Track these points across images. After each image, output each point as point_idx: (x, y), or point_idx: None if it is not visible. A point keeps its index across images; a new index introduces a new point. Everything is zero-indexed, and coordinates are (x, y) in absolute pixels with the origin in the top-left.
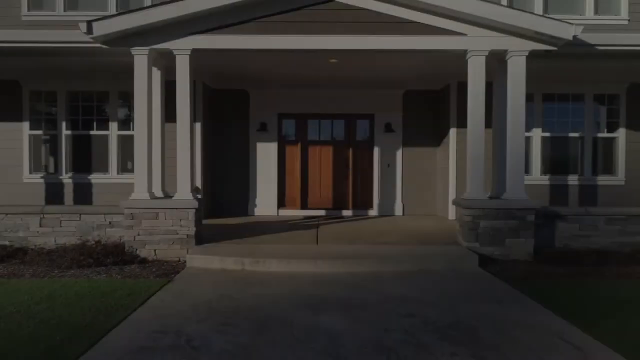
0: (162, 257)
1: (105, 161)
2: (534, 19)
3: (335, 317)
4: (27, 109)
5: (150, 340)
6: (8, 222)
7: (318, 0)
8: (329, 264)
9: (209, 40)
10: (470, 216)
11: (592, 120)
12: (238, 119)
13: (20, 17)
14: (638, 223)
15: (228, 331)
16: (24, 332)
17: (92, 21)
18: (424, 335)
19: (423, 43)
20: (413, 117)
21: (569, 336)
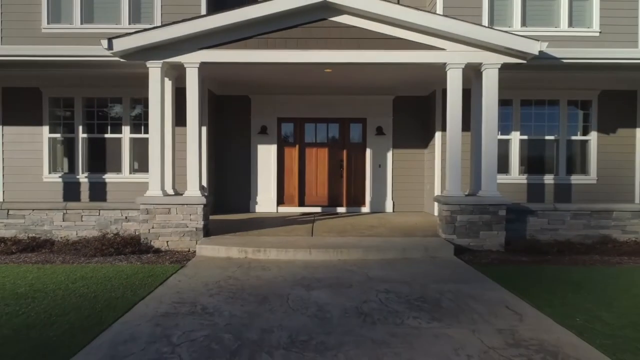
0: (174, 247)
1: (118, 162)
2: (504, 36)
3: (325, 293)
4: (46, 114)
5: (172, 308)
6: (34, 217)
7: (313, 19)
8: (322, 252)
9: (216, 54)
10: (448, 211)
11: (567, 124)
12: (240, 122)
13: (41, 30)
14: (600, 218)
15: (235, 302)
16: (68, 303)
17: (112, 38)
18: (395, 305)
19: (407, 57)
20: (402, 121)
21: (513, 305)
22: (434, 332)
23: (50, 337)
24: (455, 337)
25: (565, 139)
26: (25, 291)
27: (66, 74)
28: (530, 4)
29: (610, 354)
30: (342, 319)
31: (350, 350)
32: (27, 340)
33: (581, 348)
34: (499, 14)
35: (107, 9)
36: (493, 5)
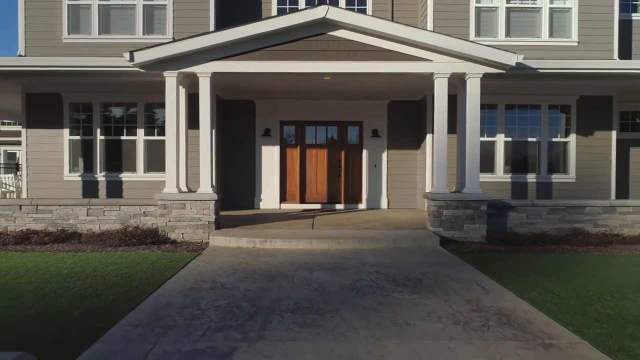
0: (189, 239)
1: (133, 162)
2: (484, 49)
3: (324, 274)
4: (67, 117)
5: (196, 285)
6: (61, 212)
7: (312, 33)
8: (321, 242)
9: (226, 65)
10: (435, 206)
11: (548, 127)
12: (245, 125)
13: (62, 40)
14: (574, 213)
15: (248, 281)
16: (107, 281)
17: (133, 51)
18: (383, 283)
19: (398, 67)
20: (396, 124)
21: (483, 283)
22: (413, 302)
23: (101, 304)
24: (430, 305)
25: (546, 141)
26: (68, 272)
27: (85, 81)
28: (514, 15)
29: (551, 315)
30: (339, 293)
31: (345, 314)
32: (84, 307)
33: (530, 312)
34: (484, 25)
35: (123, 20)
36: (479, 17)
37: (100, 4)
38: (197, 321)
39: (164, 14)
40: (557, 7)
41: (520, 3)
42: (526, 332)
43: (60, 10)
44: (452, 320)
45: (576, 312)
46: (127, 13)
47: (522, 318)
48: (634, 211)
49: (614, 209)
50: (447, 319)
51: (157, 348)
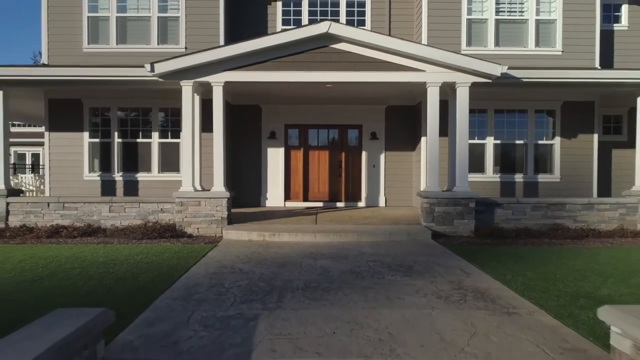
0: (203, 233)
1: (148, 163)
2: (472, 60)
3: (327, 261)
4: (86, 121)
5: (218, 270)
6: (85, 208)
7: (316, 46)
8: (324, 236)
9: (238, 75)
10: (428, 204)
11: (534, 130)
12: (252, 128)
13: (82, 50)
14: (556, 209)
15: (262, 267)
16: (140, 267)
17: (154, 63)
18: (379, 268)
19: (394, 77)
20: (393, 127)
21: (465, 269)
22: (404, 283)
23: (140, 284)
24: (418, 285)
25: (533, 143)
26: (104, 260)
27: (104, 89)
28: (503, 26)
29: (519, 292)
30: (341, 275)
31: (346, 291)
32: (127, 286)
33: (502, 290)
34: (475, 35)
35: (139, 31)
36: (470, 28)
37: (118, 16)
38: (224, 296)
39: (177, 25)
40: (543, 19)
41: (508, 15)
42: (495, 304)
43: (81, 22)
44: (436, 296)
45: (540, 290)
46: (143, 24)
47: (494, 294)
48: (610, 208)
49: (592, 206)
50: (431, 295)
51: (196, 314)
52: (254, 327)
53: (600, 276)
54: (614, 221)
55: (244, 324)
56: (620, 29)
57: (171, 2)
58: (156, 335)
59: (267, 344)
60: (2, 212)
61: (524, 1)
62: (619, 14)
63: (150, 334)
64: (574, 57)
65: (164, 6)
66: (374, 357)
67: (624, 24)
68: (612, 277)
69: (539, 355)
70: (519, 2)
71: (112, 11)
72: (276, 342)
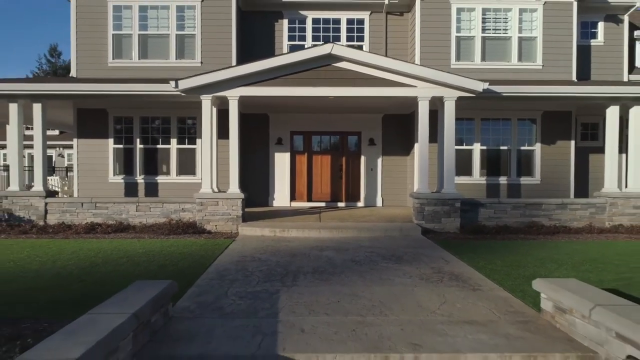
0: (221, 229)
1: (167, 167)
2: (458, 78)
3: (331, 252)
4: (111, 129)
5: (240, 259)
6: (115, 208)
7: (320, 64)
8: (328, 231)
9: (251, 90)
10: (419, 204)
11: (517, 137)
12: (261, 135)
13: (107, 64)
14: (533, 209)
15: (277, 256)
16: (175, 257)
17: (178, 80)
18: (375, 258)
19: (389, 92)
20: (389, 134)
21: (447, 258)
22: (394, 268)
23: (180, 269)
24: (406, 269)
25: (516, 149)
26: (143, 252)
27: (128, 100)
28: (488, 43)
29: (486, 275)
30: (343, 263)
31: (347, 273)
32: (169, 271)
33: (473, 274)
34: (464, 51)
35: (159, 47)
36: (459, 45)
37: (140, 34)
38: (249, 277)
39: (193, 42)
40: (525, 37)
41: (493, 33)
42: (465, 283)
43: (106, 39)
44: (419, 278)
45: (503, 274)
46: (163, 41)
47: (466, 276)
48: (581, 208)
49: (565, 205)
50: (415, 277)
51: (231, 289)
52: (277, 298)
53: (556, 264)
54: (585, 219)
55: (269, 296)
56: (596, 44)
57: (188, 21)
58: (205, 302)
59: (289, 308)
60: (41, 211)
61: (507, 20)
62: (596, 30)
63: (200, 301)
64: (553, 70)
65: (181, 25)
66: (367, 316)
67: (600, 39)
68: (566, 264)
69: (489, 315)
70: (503, 21)
71: (135, 29)
72: (295, 307)
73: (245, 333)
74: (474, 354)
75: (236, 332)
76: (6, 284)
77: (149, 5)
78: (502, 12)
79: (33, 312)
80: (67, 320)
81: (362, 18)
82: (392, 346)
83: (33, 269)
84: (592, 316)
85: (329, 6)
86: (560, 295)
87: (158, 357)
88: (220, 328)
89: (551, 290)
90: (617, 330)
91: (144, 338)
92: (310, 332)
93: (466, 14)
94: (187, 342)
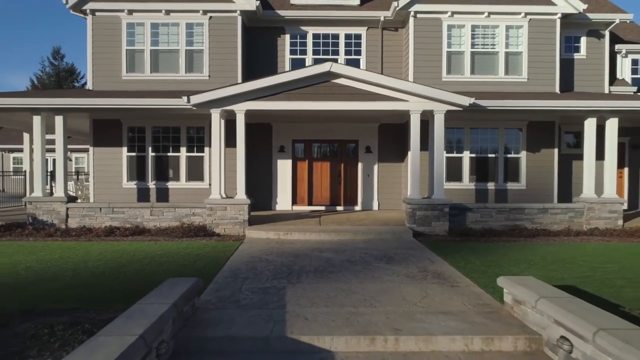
0: (229, 232)
1: (177, 173)
2: (446, 93)
3: (330, 254)
4: (125, 138)
5: (249, 259)
6: (131, 212)
7: (320, 81)
8: (326, 234)
9: (257, 104)
10: (410, 209)
11: (504, 145)
12: (264, 143)
13: (121, 77)
14: (516, 213)
15: (282, 257)
16: (191, 257)
17: (190, 95)
18: (369, 258)
19: (383, 105)
20: (385, 142)
21: (432, 259)
22: (385, 268)
23: (198, 268)
24: (395, 269)
25: (503, 156)
26: (162, 253)
27: (141, 112)
28: (477, 57)
29: (464, 274)
30: (340, 263)
31: (344, 272)
32: (189, 269)
33: (454, 272)
34: (454, 65)
35: (169, 62)
36: (450, 59)
37: (152, 49)
38: (259, 276)
39: (201, 57)
40: (511, 51)
41: (482, 48)
42: (446, 280)
43: (120, 54)
44: (406, 276)
45: (480, 272)
46: (173, 56)
47: (447, 275)
48: (561, 212)
49: (546, 210)
50: (403, 275)
51: (244, 286)
52: (284, 293)
53: (528, 264)
54: (565, 223)
55: (277, 292)
56: (579, 58)
57: (196, 37)
58: (223, 296)
59: (294, 301)
60: (63, 215)
61: (495, 36)
62: (579, 44)
63: (219, 296)
64: (538, 83)
65: (190, 40)
66: (359, 307)
67: (582, 53)
68: (537, 264)
69: (461, 307)
70: (490, 37)
71: (147, 45)
72: (299, 300)
73: (259, 320)
74: (444, 336)
75: (252, 320)
76: (52, 282)
77: (160, 23)
78: (490, 28)
79: (80, 304)
80: (112, 311)
81: (359, 33)
82: (378, 330)
83: (70, 269)
84: (537, 306)
85: (328, 22)
86: (516, 290)
87: (191, 338)
88: (238, 317)
89: (511, 286)
90: (554, 317)
91: (179, 324)
92: (312, 319)
93: (456, 30)
94: (213, 327)
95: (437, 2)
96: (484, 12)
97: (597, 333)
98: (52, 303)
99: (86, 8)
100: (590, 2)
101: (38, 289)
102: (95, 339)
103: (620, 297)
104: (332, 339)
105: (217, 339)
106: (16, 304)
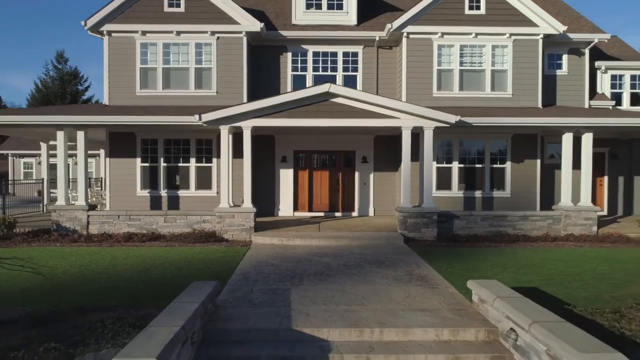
0: (237, 238)
1: (187, 182)
2: (434, 112)
3: (329, 259)
4: (139, 149)
5: (257, 264)
6: (146, 219)
7: (320, 100)
8: (325, 240)
9: (262, 121)
10: (402, 216)
11: (490, 156)
12: (267, 154)
13: (135, 93)
14: (500, 220)
15: (285, 262)
16: (206, 262)
17: (201, 114)
18: (363, 263)
19: (377, 122)
20: (380, 152)
21: (419, 263)
22: (376, 271)
23: (213, 272)
24: (385, 272)
25: (489, 166)
26: (180, 258)
27: (154, 126)
28: (466, 75)
29: (445, 277)
30: (337, 267)
31: (340, 275)
32: (206, 273)
33: (435, 275)
34: (444, 82)
35: (180, 79)
36: (440, 76)
37: (163, 67)
38: (267, 278)
39: (210, 74)
40: (497, 69)
41: (469, 66)
42: (428, 283)
43: (134, 72)
44: (393, 279)
45: (459, 276)
46: (183, 74)
47: (429, 278)
48: (540, 219)
49: (527, 217)
50: (391, 278)
51: (255, 287)
52: (289, 293)
53: (503, 267)
54: (544, 229)
55: (283, 292)
56: (561, 74)
57: (205, 56)
58: (238, 296)
59: (298, 300)
60: (84, 222)
61: (482, 55)
62: (561, 62)
63: (234, 296)
64: (522, 98)
65: (199, 59)
66: (352, 306)
67: (564, 70)
68: (510, 268)
69: (436, 305)
70: (478, 56)
71: (159, 63)
72: (302, 300)
73: (270, 316)
74: (419, 329)
75: (264, 315)
76: (90, 284)
77: (172, 43)
78: (477, 48)
79: (120, 303)
80: (147, 308)
81: (356, 51)
82: (366, 324)
83: (102, 272)
84: (494, 304)
85: (327, 41)
86: (480, 291)
87: (215, 329)
88: (252, 313)
89: (477, 288)
90: (506, 313)
91: (205, 318)
92: (313, 315)
93: (446, 50)
94: (232, 321)
95: (428, 24)
96: (472, 33)
97: (531, 325)
98: (96, 302)
99: (103, 29)
100: (572, 21)
101: (80, 290)
102: (149, 329)
103: (571, 297)
104: (328, 330)
105: (236, 331)
106: (67, 303)
